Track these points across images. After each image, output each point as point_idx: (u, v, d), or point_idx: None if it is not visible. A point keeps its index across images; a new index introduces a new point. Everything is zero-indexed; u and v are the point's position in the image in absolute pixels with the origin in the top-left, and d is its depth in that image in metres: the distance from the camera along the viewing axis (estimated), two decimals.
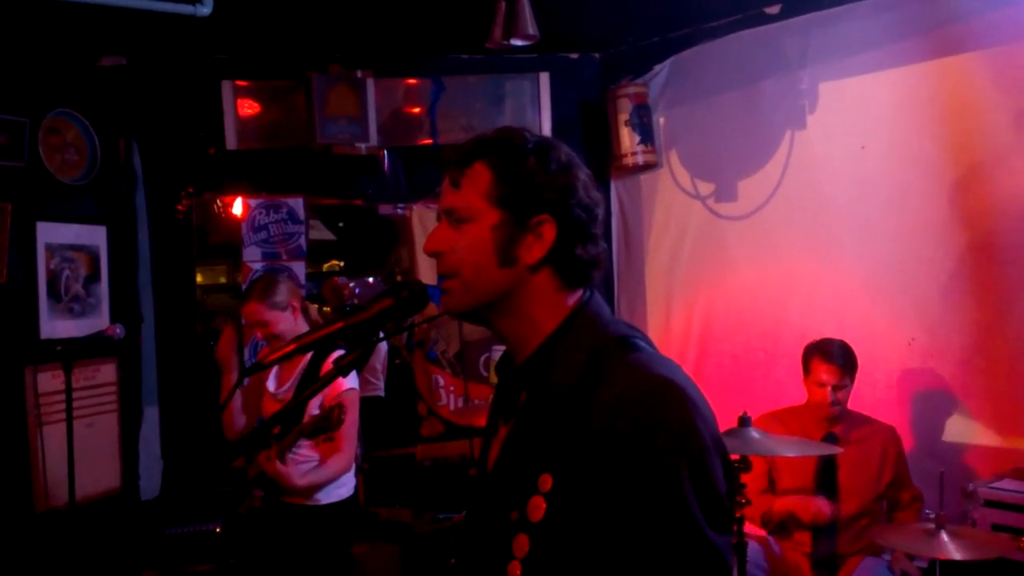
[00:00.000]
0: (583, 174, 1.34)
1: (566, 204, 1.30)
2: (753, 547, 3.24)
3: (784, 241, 4.18)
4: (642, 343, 1.30)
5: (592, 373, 1.23)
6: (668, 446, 1.16)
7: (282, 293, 3.32)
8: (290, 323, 3.31)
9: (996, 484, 3.19)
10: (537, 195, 1.30)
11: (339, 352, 3.25)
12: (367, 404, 4.19)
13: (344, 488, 3.35)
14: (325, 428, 2.92)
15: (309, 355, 3.32)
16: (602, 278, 1.38)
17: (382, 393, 4.48)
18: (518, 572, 1.22)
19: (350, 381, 3.24)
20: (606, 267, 1.42)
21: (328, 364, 3.27)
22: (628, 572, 1.15)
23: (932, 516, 2.76)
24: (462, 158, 1.35)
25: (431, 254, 1.35)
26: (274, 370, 3.37)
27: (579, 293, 1.34)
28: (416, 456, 4.63)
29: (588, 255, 1.33)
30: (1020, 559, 2.93)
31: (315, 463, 3.22)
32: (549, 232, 1.29)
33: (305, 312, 3.43)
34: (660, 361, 1.26)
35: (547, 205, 1.29)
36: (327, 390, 3.19)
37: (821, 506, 3.22)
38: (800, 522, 3.27)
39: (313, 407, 3.19)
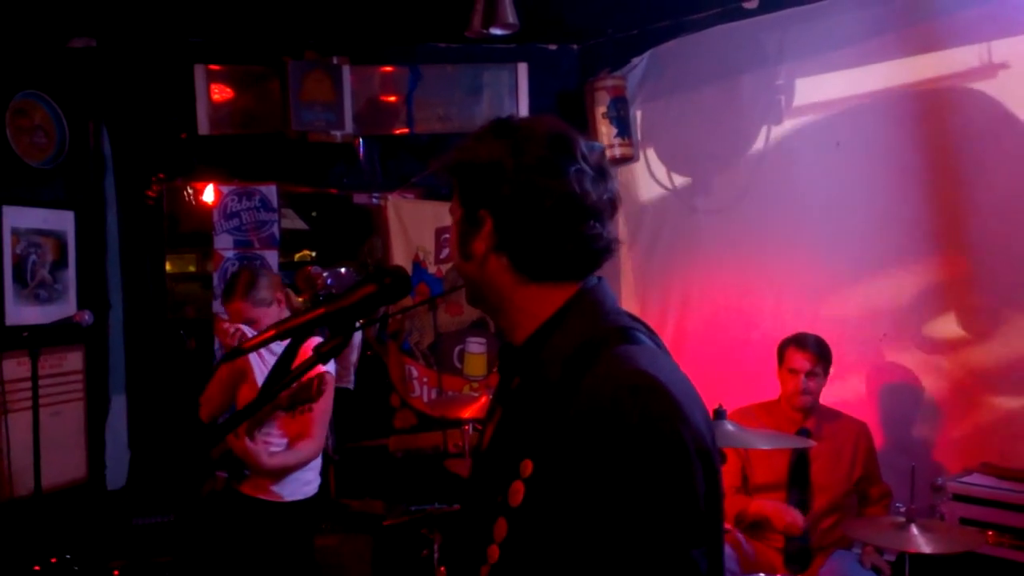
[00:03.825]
0: (535, 159, 1.25)
1: (498, 193, 1.26)
2: (728, 542, 3.26)
3: (759, 235, 4.20)
4: (643, 336, 1.27)
5: (582, 362, 1.21)
6: (639, 446, 1.13)
7: (265, 288, 3.26)
8: (276, 317, 3.22)
9: (964, 478, 3.24)
10: (477, 186, 1.28)
11: (318, 339, 3.20)
12: (336, 395, 4.16)
13: (309, 486, 3.28)
14: (304, 400, 2.87)
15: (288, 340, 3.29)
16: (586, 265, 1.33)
17: (351, 386, 4.45)
18: (496, 555, 1.21)
19: (327, 365, 3.19)
20: (586, 254, 1.34)
21: (306, 351, 3.23)
22: (593, 571, 1.14)
23: (902, 510, 2.79)
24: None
25: None
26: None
27: (576, 282, 1.30)
28: (389, 448, 4.60)
29: (547, 245, 1.26)
30: (988, 553, 2.98)
31: (284, 448, 3.16)
32: (487, 223, 1.27)
33: (288, 302, 3.38)
34: (650, 356, 1.23)
35: (484, 195, 1.27)
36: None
37: (795, 517, 3.22)
38: (773, 527, 3.28)
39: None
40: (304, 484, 3.25)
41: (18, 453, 3.80)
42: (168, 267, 4.73)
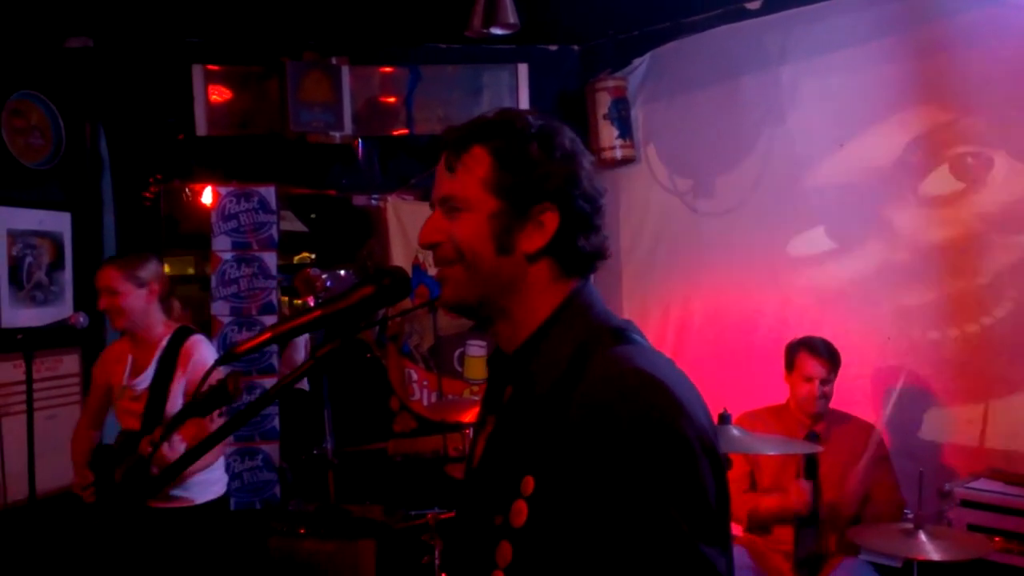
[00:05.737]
0: (587, 161, 1.28)
1: (569, 194, 1.24)
2: (737, 548, 3.21)
3: (762, 237, 4.16)
4: (636, 336, 1.23)
5: (577, 366, 1.17)
6: (645, 449, 1.08)
7: (146, 270, 3.22)
8: (141, 303, 3.19)
9: (972, 484, 3.20)
10: (539, 184, 1.23)
11: (197, 336, 3.25)
12: (334, 398, 4.14)
13: (217, 486, 3.33)
14: (221, 402, 2.79)
15: (164, 343, 3.24)
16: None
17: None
18: None
19: (213, 358, 3.13)
20: (609, 256, 1.36)
21: (187, 350, 3.19)
22: None
23: (910, 516, 2.75)
24: (458, 141, 1.26)
25: (426, 246, 1.27)
26: (128, 362, 3.29)
27: (574, 283, 1.27)
28: (388, 451, 4.56)
29: (591, 246, 1.27)
30: (995, 559, 2.94)
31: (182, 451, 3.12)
32: (551, 222, 1.23)
33: (165, 303, 3.31)
34: (646, 355, 1.19)
35: (549, 194, 1.23)
36: (193, 373, 3.11)
37: (800, 491, 3.15)
38: (783, 518, 3.23)
39: (177, 394, 3.13)
40: (211, 485, 3.30)
41: (13, 458, 3.76)
42: (166, 269, 4.69)
